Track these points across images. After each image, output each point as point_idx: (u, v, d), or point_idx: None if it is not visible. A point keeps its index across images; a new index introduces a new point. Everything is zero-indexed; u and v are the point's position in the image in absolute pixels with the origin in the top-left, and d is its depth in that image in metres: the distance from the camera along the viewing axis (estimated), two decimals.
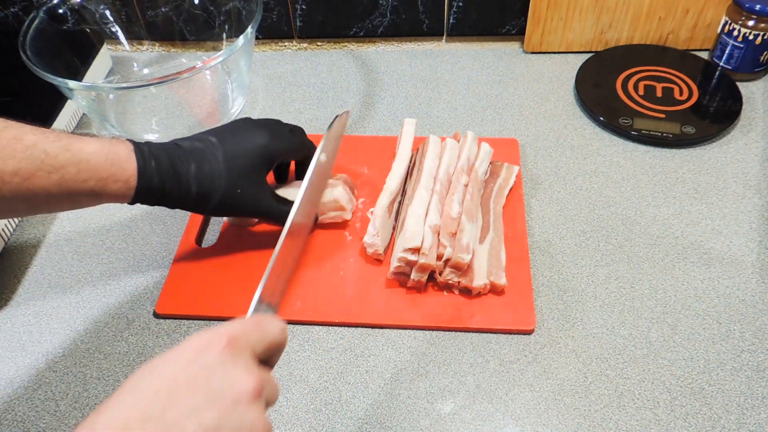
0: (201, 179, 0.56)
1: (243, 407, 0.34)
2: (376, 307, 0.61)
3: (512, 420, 0.53)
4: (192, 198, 0.56)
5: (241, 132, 0.59)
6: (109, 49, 0.90)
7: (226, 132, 0.59)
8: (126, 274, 0.66)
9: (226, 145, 0.57)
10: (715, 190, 0.70)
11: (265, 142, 0.59)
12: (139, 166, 0.53)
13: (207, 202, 0.57)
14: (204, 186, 0.56)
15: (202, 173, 0.56)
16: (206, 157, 0.56)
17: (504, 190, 0.69)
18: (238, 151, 0.57)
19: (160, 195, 0.55)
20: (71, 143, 0.50)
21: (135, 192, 0.54)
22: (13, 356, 0.60)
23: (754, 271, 0.63)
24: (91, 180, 0.51)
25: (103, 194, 0.52)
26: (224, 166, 0.56)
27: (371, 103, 0.85)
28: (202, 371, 0.34)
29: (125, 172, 0.53)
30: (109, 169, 0.52)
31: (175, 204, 0.57)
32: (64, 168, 0.49)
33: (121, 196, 0.54)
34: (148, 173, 0.53)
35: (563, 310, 0.60)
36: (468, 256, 0.58)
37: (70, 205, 0.54)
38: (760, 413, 0.52)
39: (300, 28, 0.93)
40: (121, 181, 0.52)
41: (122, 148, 0.53)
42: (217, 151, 0.57)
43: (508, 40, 0.93)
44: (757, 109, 0.80)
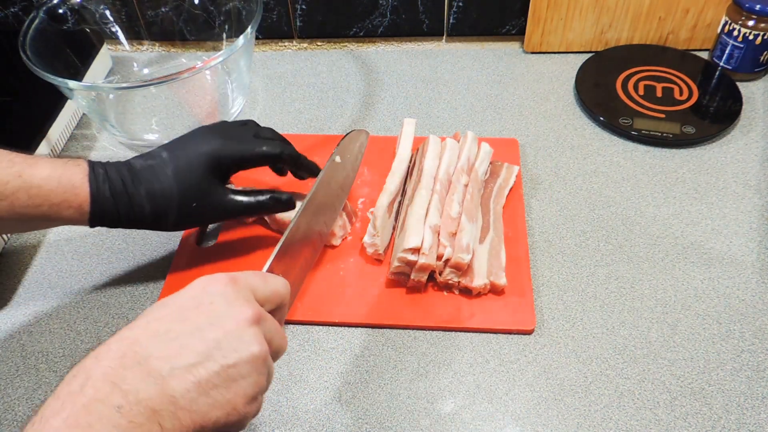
0: (153, 199, 0.55)
1: (242, 330, 0.38)
2: (376, 307, 0.61)
3: (512, 420, 0.53)
4: (148, 218, 0.55)
5: (192, 142, 0.57)
6: (109, 49, 0.90)
7: (179, 144, 0.58)
8: (126, 274, 0.66)
9: (176, 160, 0.56)
10: (715, 190, 0.70)
11: (213, 149, 0.57)
12: (92, 192, 0.52)
13: (165, 220, 0.56)
14: (157, 205, 0.55)
15: (153, 193, 0.55)
16: (157, 176, 0.55)
17: (504, 190, 0.69)
18: (188, 164, 0.56)
19: (116, 219, 0.54)
20: (23, 169, 0.50)
21: (89, 217, 0.53)
22: (13, 356, 0.60)
23: (754, 271, 0.63)
24: (44, 206, 0.51)
25: (56, 219, 0.52)
26: (174, 182, 0.55)
27: (371, 103, 0.85)
28: (207, 299, 0.39)
29: (78, 198, 0.52)
30: (61, 195, 0.51)
31: (134, 225, 0.56)
32: (14, 195, 0.50)
33: (76, 221, 0.54)
34: (100, 198, 0.53)
35: (563, 310, 0.60)
36: (468, 256, 0.58)
37: (23, 228, 0.55)
38: (760, 413, 0.52)
39: (300, 28, 0.93)
40: (74, 207, 0.52)
41: (76, 172, 0.53)
42: (167, 167, 0.55)
43: (508, 40, 0.93)
44: (757, 109, 0.80)
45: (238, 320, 0.39)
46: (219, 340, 0.38)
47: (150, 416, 0.34)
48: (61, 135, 0.79)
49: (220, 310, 0.39)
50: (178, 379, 0.36)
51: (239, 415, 0.38)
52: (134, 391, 0.34)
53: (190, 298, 0.39)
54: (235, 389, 0.38)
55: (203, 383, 0.36)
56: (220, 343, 0.37)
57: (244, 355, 0.38)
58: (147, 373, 0.35)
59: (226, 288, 0.40)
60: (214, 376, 0.37)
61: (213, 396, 0.37)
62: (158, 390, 0.35)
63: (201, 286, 0.40)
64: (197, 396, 0.36)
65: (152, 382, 0.35)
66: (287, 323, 0.61)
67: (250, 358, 0.38)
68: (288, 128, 0.82)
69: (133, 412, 0.34)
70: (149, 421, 0.34)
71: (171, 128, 0.81)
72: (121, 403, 0.34)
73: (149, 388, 0.35)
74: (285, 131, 0.81)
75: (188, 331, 0.37)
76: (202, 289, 0.40)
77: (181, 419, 0.35)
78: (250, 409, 0.39)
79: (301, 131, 0.81)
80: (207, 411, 0.36)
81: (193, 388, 0.36)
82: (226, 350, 0.37)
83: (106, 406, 0.33)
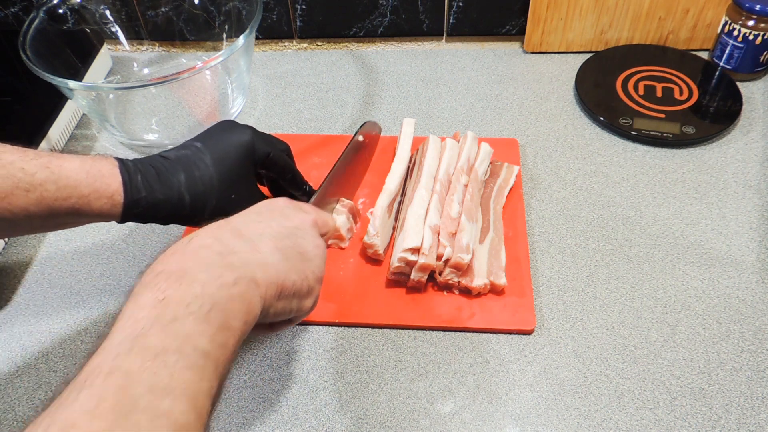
0: (193, 187, 0.54)
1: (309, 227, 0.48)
2: (376, 307, 0.61)
3: (512, 420, 0.53)
4: (186, 208, 0.54)
5: (225, 132, 0.58)
6: (109, 49, 0.90)
7: (210, 135, 0.57)
8: (126, 275, 0.66)
9: (212, 148, 0.56)
10: (715, 190, 0.70)
11: (248, 139, 0.57)
12: (124, 181, 0.51)
13: (202, 210, 0.55)
14: (197, 194, 0.54)
15: (193, 181, 0.54)
16: (195, 164, 0.55)
17: (504, 190, 0.69)
18: (225, 152, 0.56)
19: (151, 209, 0.53)
20: (51, 161, 0.49)
21: (123, 208, 0.52)
22: (13, 356, 0.60)
23: (754, 271, 0.63)
24: (72, 197, 0.49)
25: (86, 212, 0.51)
26: (214, 170, 0.55)
27: (371, 103, 0.85)
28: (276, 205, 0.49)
29: (109, 188, 0.51)
30: (91, 185, 0.50)
31: (168, 217, 0.55)
32: (42, 186, 0.48)
33: (107, 214, 0.52)
34: (134, 187, 0.52)
35: (563, 310, 0.60)
36: (468, 256, 0.58)
37: (53, 224, 0.53)
38: (760, 413, 0.52)
39: (300, 28, 0.93)
40: (105, 197, 0.51)
41: (105, 164, 0.52)
42: (204, 155, 0.55)
43: (508, 40, 0.93)
44: (757, 109, 0.80)
45: (304, 219, 0.48)
46: (291, 228, 0.46)
47: (245, 263, 0.41)
48: (61, 135, 0.79)
49: (290, 212, 0.48)
50: (264, 244, 0.43)
51: (310, 286, 0.46)
52: (231, 245, 0.41)
53: (262, 207, 0.48)
54: (307, 264, 0.46)
55: (284, 250, 0.44)
56: (292, 231, 0.46)
57: (311, 243, 0.47)
58: (239, 235, 0.43)
59: (290, 203, 0.49)
60: (291, 248, 0.45)
61: (291, 262, 0.44)
62: (250, 247, 0.42)
63: (269, 201, 0.49)
64: (280, 258, 0.43)
65: (245, 241, 0.42)
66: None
67: (315, 246, 0.47)
68: (288, 128, 0.82)
69: (232, 258, 0.40)
70: (244, 266, 0.40)
71: (171, 128, 0.81)
72: (221, 249, 0.40)
73: (243, 245, 0.42)
74: (285, 131, 0.81)
75: (268, 219, 0.46)
76: (271, 202, 0.49)
77: (269, 272, 0.42)
78: (316, 287, 0.47)
79: (301, 131, 0.81)
80: (288, 271, 0.43)
81: (277, 252, 0.43)
82: (297, 236, 0.46)
83: (210, 251, 0.40)
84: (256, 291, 0.40)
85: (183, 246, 0.41)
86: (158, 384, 0.32)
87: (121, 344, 0.33)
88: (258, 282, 0.40)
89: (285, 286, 0.43)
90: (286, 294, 0.43)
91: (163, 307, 0.35)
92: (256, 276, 0.40)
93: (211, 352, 0.35)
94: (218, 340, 0.36)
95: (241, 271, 0.40)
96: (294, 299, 0.44)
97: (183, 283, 0.37)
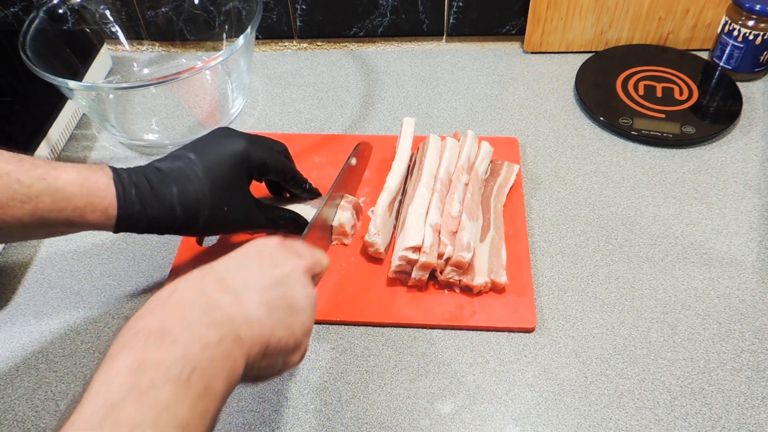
0: (185, 200, 0.54)
1: (299, 274, 0.45)
2: (377, 306, 0.61)
3: (512, 420, 0.53)
4: (179, 221, 0.54)
5: (219, 141, 0.57)
6: (109, 49, 0.90)
7: (204, 144, 0.57)
8: (126, 274, 0.66)
9: (205, 159, 0.55)
10: (715, 190, 0.70)
11: (242, 148, 0.57)
12: (119, 194, 0.52)
13: (195, 222, 0.55)
14: (189, 207, 0.54)
15: (186, 194, 0.54)
16: (188, 176, 0.54)
17: (504, 189, 0.69)
18: (218, 163, 0.55)
19: (145, 222, 0.54)
20: (47, 172, 0.49)
21: (116, 221, 0.52)
22: (13, 356, 0.60)
23: (754, 271, 0.63)
24: (67, 209, 0.50)
25: (80, 224, 0.51)
26: (206, 183, 0.55)
27: (371, 103, 0.85)
28: (266, 249, 0.45)
29: (103, 201, 0.51)
30: (86, 198, 0.50)
31: (162, 229, 0.55)
32: (38, 197, 0.48)
33: (101, 226, 0.52)
34: (128, 201, 0.52)
35: (563, 309, 0.60)
36: (469, 254, 0.58)
37: (46, 234, 0.53)
38: (760, 413, 0.52)
39: (300, 28, 0.93)
40: (99, 211, 0.51)
41: (101, 176, 0.52)
42: (197, 167, 0.55)
43: (508, 40, 0.93)
44: (757, 109, 0.80)
45: (295, 266, 0.45)
46: (280, 277, 0.43)
47: (229, 320, 0.39)
48: (61, 135, 0.79)
49: (280, 258, 0.45)
50: (249, 297, 0.41)
51: (297, 341, 0.43)
52: (215, 299, 0.39)
53: (252, 249, 0.45)
54: (295, 317, 0.43)
55: (270, 304, 0.41)
56: (281, 280, 0.43)
57: (300, 292, 0.44)
58: (224, 286, 0.40)
59: (280, 246, 0.46)
60: (279, 300, 0.42)
61: (277, 317, 0.42)
62: (235, 301, 0.40)
63: (259, 243, 0.46)
64: (266, 313, 0.41)
65: (230, 294, 0.40)
66: None
67: (305, 296, 0.44)
68: (288, 128, 0.82)
69: (216, 314, 0.38)
70: (229, 324, 0.38)
71: (171, 128, 0.81)
72: (205, 305, 0.39)
73: (227, 298, 0.40)
74: (285, 131, 0.81)
75: (256, 266, 0.43)
76: (261, 245, 0.46)
77: (253, 330, 0.40)
78: (304, 340, 0.44)
79: (301, 131, 0.81)
80: (274, 328, 0.41)
81: (263, 306, 0.41)
82: (286, 286, 0.43)
83: (193, 307, 0.38)
84: (241, 349, 0.38)
85: (164, 300, 0.38)
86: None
87: (93, 416, 0.31)
88: (243, 340, 0.39)
89: (270, 343, 0.41)
90: (271, 352, 0.41)
91: (140, 374, 0.33)
92: (241, 333, 0.39)
93: (190, 422, 0.33)
94: (199, 408, 0.34)
95: (226, 329, 0.38)
96: (279, 356, 0.43)
97: (163, 344, 0.35)
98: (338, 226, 0.64)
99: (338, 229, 0.64)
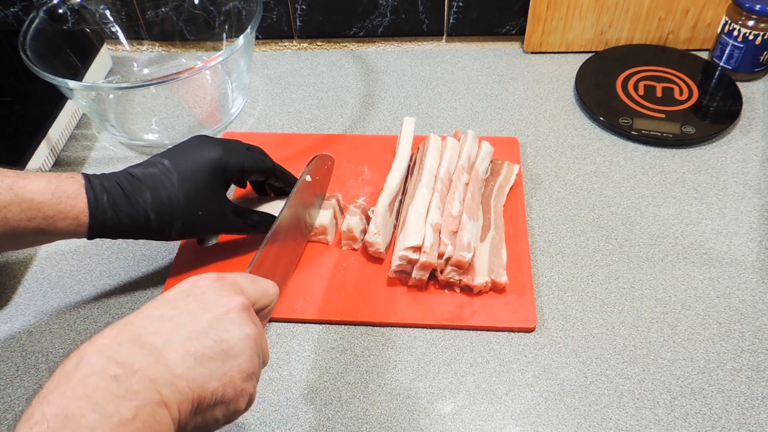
0: (158, 207, 0.54)
1: (233, 314, 0.40)
2: (377, 306, 0.61)
3: (512, 420, 0.53)
4: (153, 227, 0.55)
5: (193, 149, 0.57)
6: (109, 49, 0.90)
7: (178, 151, 0.57)
8: (126, 274, 0.66)
9: (179, 166, 0.55)
10: (715, 190, 0.70)
11: (217, 156, 0.57)
12: (89, 201, 0.52)
13: (169, 228, 0.55)
14: (163, 213, 0.54)
15: (160, 200, 0.54)
16: (162, 182, 0.54)
17: (504, 189, 0.69)
18: (192, 171, 0.56)
19: (117, 228, 0.54)
20: (15, 182, 0.50)
21: (88, 228, 0.52)
22: (13, 356, 0.60)
23: (754, 271, 0.63)
24: (36, 218, 0.50)
25: (52, 232, 0.51)
26: (180, 190, 0.55)
27: (371, 102, 0.85)
28: (197, 290, 0.41)
29: (74, 209, 0.51)
30: (55, 207, 0.50)
31: (135, 235, 0.55)
32: (6, 208, 0.49)
33: (73, 233, 0.52)
34: (100, 208, 0.52)
35: (563, 309, 0.60)
36: (469, 254, 0.58)
37: (20, 244, 0.53)
38: (760, 413, 0.52)
39: (300, 28, 0.93)
40: (70, 218, 0.51)
41: (71, 184, 0.52)
42: (171, 174, 0.55)
43: (508, 40, 0.93)
44: (757, 109, 0.80)
45: (228, 306, 0.40)
46: (211, 321, 0.39)
47: (147, 384, 0.34)
48: (61, 135, 0.79)
49: (211, 298, 0.40)
50: (172, 351, 0.36)
51: (236, 389, 0.39)
52: (130, 363, 0.35)
53: (181, 291, 0.41)
54: (231, 363, 0.38)
55: (198, 355, 0.37)
56: (212, 324, 0.39)
57: (236, 334, 0.39)
58: (141, 346, 0.36)
59: (215, 283, 0.42)
60: (208, 350, 0.38)
61: (209, 367, 0.37)
62: (153, 360, 0.35)
63: (190, 282, 0.42)
64: (193, 365, 0.37)
65: (147, 354, 0.36)
66: (289, 322, 0.61)
67: (243, 337, 0.40)
68: (288, 128, 0.82)
69: (131, 381, 0.34)
70: (147, 389, 0.34)
71: (171, 128, 0.81)
72: (117, 372, 0.34)
73: (144, 359, 0.35)
74: (285, 131, 0.81)
75: (180, 314, 0.39)
76: (191, 284, 0.42)
77: (179, 387, 0.35)
78: (246, 386, 0.39)
79: (301, 131, 0.81)
80: (205, 381, 0.37)
81: (189, 358, 0.37)
82: (219, 330, 0.39)
83: (102, 378, 0.33)
84: (165, 414, 0.34)
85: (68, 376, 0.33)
86: None
87: None
88: (167, 403, 0.35)
89: (202, 397, 0.37)
90: (204, 406, 0.37)
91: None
92: (164, 395, 0.35)
93: None
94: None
95: (143, 397, 0.34)
96: (217, 408, 0.38)
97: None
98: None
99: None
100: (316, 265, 0.64)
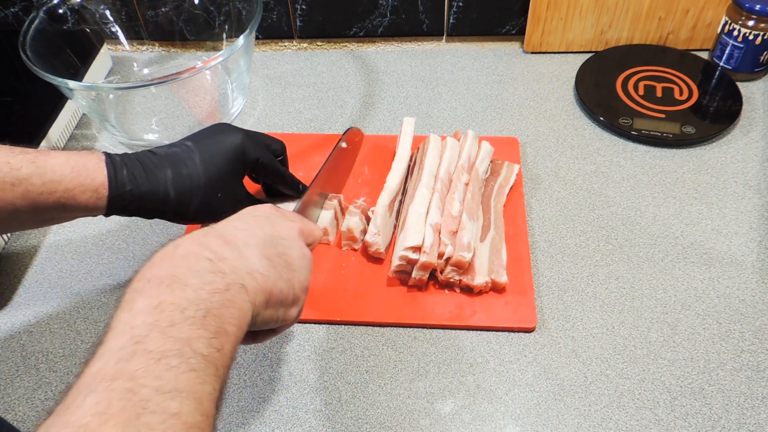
0: (179, 183, 0.54)
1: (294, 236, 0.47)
2: (377, 306, 0.61)
3: (512, 420, 0.53)
4: (171, 204, 0.55)
5: (217, 134, 0.58)
6: (109, 49, 0.90)
7: (201, 135, 0.58)
8: (126, 274, 0.66)
9: (202, 148, 0.56)
10: (715, 190, 0.70)
11: (239, 141, 0.58)
12: (109, 174, 0.52)
13: (187, 206, 0.55)
14: (183, 190, 0.54)
15: (180, 177, 0.54)
16: (183, 161, 0.55)
17: (504, 189, 0.69)
18: (214, 153, 0.56)
19: (137, 203, 0.53)
20: (37, 156, 0.50)
21: (107, 201, 0.52)
22: (13, 356, 0.60)
23: (754, 271, 0.63)
24: (57, 191, 0.50)
25: (71, 206, 0.51)
26: (202, 169, 0.55)
27: (371, 103, 0.85)
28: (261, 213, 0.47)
29: (94, 182, 0.51)
30: (75, 179, 0.51)
31: (153, 212, 0.55)
32: (27, 180, 0.49)
33: (93, 208, 0.52)
34: (119, 180, 0.52)
35: (563, 310, 0.60)
36: (469, 254, 0.58)
37: (40, 219, 0.53)
38: (760, 413, 0.52)
39: (300, 28, 0.93)
40: (90, 191, 0.51)
41: (91, 159, 0.52)
42: (194, 154, 0.55)
43: (508, 40, 0.93)
44: (757, 109, 0.80)
45: (290, 228, 0.47)
46: (277, 237, 0.45)
47: (234, 270, 0.40)
48: (61, 135, 0.79)
49: (274, 220, 0.47)
50: (251, 251, 0.42)
51: (295, 296, 0.45)
52: (219, 252, 0.40)
53: (246, 213, 0.47)
54: (293, 273, 0.45)
55: (270, 258, 0.43)
56: (278, 239, 0.45)
57: (296, 253, 0.46)
58: (226, 242, 0.42)
59: (273, 210, 0.48)
60: (277, 257, 0.44)
61: (278, 270, 0.43)
62: (237, 255, 0.41)
63: (252, 209, 0.48)
64: (267, 266, 0.42)
65: (232, 249, 0.41)
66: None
67: (301, 256, 0.46)
68: (288, 128, 0.82)
69: (221, 265, 0.40)
70: (234, 273, 0.40)
71: (171, 128, 0.81)
72: (210, 256, 0.40)
73: (230, 252, 0.41)
74: (285, 131, 0.81)
75: (251, 227, 0.45)
76: (254, 210, 0.48)
77: (257, 279, 0.41)
78: (301, 297, 0.46)
79: (301, 131, 0.81)
80: (275, 280, 0.43)
81: (264, 259, 0.43)
82: (284, 246, 0.45)
83: (198, 258, 0.39)
84: (246, 297, 0.40)
85: (170, 253, 0.40)
86: (165, 386, 0.32)
87: (122, 349, 0.33)
88: (247, 289, 0.40)
89: (272, 293, 0.42)
90: (273, 302, 0.43)
91: (159, 313, 0.35)
92: (245, 283, 0.40)
93: (209, 356, 0.35)
94: (215, 344, 0.36)
95: (231, 278, 0.39)
96: (281, 308, 0.44)
97: (176, 289, 0.37)
98: (346, 231, 0.64)
99: (347, 234, 0.64)
100: (316, 265, 0.64)
